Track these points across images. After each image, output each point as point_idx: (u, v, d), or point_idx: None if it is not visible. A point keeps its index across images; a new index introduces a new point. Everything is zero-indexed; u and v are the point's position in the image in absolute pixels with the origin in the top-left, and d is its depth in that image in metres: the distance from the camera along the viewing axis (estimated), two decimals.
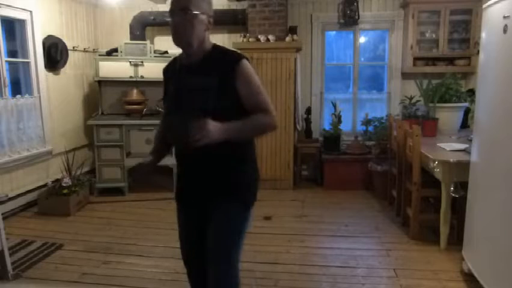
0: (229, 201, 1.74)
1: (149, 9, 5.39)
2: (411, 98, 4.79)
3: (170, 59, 1.91)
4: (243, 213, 1.78)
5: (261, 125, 1.69)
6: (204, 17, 1.65)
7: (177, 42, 1.66)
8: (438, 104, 4.28)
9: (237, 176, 1.77)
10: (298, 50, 4.98)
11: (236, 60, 1.66)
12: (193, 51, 1.67)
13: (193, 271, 1.94)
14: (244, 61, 1.67)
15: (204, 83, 1.65)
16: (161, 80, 1.93)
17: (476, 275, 2.56)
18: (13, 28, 4.28)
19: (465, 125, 4.49)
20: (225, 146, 1.58)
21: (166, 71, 1.90)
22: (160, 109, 4.99)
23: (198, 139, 1.47)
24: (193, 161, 1.74)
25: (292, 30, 4.98)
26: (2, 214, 2.95)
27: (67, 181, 4.22)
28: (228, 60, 1.68)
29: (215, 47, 1.74)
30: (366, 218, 4.04)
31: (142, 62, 4.98)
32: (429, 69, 5.03)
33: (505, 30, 2.24)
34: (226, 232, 1.73)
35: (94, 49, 5.46)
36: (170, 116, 1.76)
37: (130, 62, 4.97)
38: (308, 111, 5.29)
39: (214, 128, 1.51)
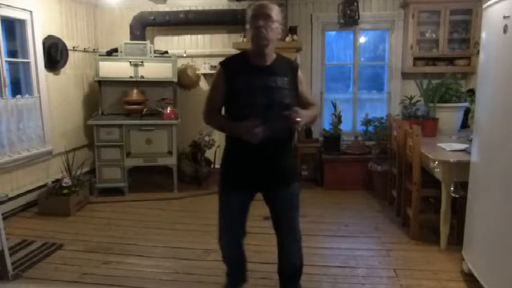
0: (293, 180, 2.26)
1: (149, 9, 5.40)
2: (411, 98, 4.79)
3: (229, 56, 2.31)
4: (299, 188, 2.32)
5: (316, 114, 2.30)
6: (277, 25, 2.08)
7: (260, 41, 2.03)
8: (438, 104, 4.28)
9: (293, 160, 2.37)
10: (298, 50, 4.98)
11: (297, 67, 2.24)
12: (268, 51, 2.08)
13: (235, 238, 2.36)
14: (298, 67, 2.26)
15: (280, 83, 2.09)
16: (161, 80, 2.16)
17: (476, 275, 2.56)
18: (13, 28, 4.28)
19: (465, 125, 4.49)
20: (286, 132, 2.14)
21: (230, 68, 2.17)
22: (160, 109, 4.99)
23: (299, 121, 1.96)
24: (263, 147, 2.04)
25: (292, 30, 4.98)
26: (2, 214, 2.95)
27: (67, 181, 4.22)
28: (293, 66, 2.23)
29: (278, 54, 2.19)
30: (366, 218, 4.04)
31: (142, 62, 4.98)
32: (429, 69, 5.03)
33: (505, 30, 2.24)
34: (295, 207, 2.31)
35: (94, 49, 5.46)
36: (254, 111, 2.04)
37: (130, 62, 4.97)
38: None
39: (302, 112, 2.02)
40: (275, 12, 2.07)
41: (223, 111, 2.23)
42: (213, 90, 2.20)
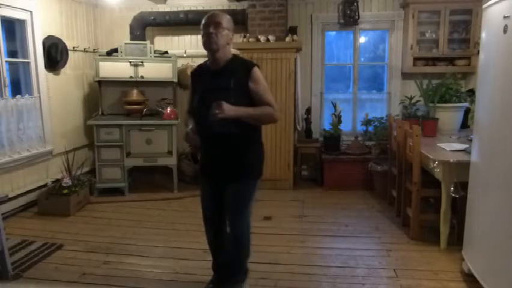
0: (242, 177, 2.37)
1: (149, 10, 5.40)
2: (411, 98, 4.79)
3: (197, 64, 2.58)
4: (253, 185, 2.41)
5: (266, 113, 2.29)
6: (228, 32, 2.25)
7: (210, 46, 2.22)
8: (438, 104, 4.28)
9: (246, 156, 2.36)
10: (298, 50, 4.98)
11: (251, 68, 2.28)
12: (219, 56, 2.25)
13: (210, 223, 2.57)
14: (256, 68, 2.30)
15: (224, 84, 2.23)
16: (161, 80, 2.35)
17: (476, 275, 2.56)
18: (13, 28, 4.28)
19: (465, 125, 4.49)
20: (237, 128, 2.23)
21: (194, 74, 2.48)
22: (160, 109, 5.00)
23: (217, 114, 2.07)
24: (214, 141, 2.30)
25: (292, 31, 4.98)
26: (2, 214, 2.96)
27: (67, 181, 4.22)
28: (244, 66, 2.30)
29: (234, 56, 2.34)
30: (366, 218, 4.04)
31: (142, 62, 4.98)
32: (429, 69, 5.03)
33: (505, 30, 2.24)
34: (238, 202, 2.42)
35: (94, 49, 5.46)
36: (200, 106, 2.28)
37: (130, 62, 4.97)
38: (308, 111, 5.29)
39: (228, 107, 2.11)
40: (225, 20, 2.24)
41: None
42: (189, 95, 2.51)
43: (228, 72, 2.27)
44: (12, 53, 4.25)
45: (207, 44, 2.22)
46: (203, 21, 2.25)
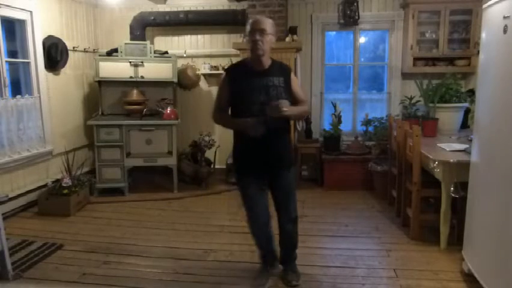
0: (291, 165, 2.66)
1: (149, 10, 5.40)
2: (411, 98, 4.79)
3: (233, 63, 2.82)
4: (296, 171, 2.63)
5: (305, 111, 2.78)
6: (271, 37, 2.48)
7: (257, 52, 2.44)
8: (438, 104, 4.28)
9: (290, 147, 2.70)
10: (298, 50, 4.98)
11: (290, 70, 2.66)
12: (264, 59, 2.49)
13: (261, 219, 2.68)
14: (291, 70, 2.69)
15: (276, 82, 2.50)
16: (161, 80, 2.35)
17: (476, 275, 2.56)
18: (13, 28, 4.28)
19: (465, 125, 4.49)
20: (285, 122, 2.58)
21: (233, 72, 2.63)
22: (160, 109, 5.00)
23: (284, 110, 2.34)
24: (268, 134, 2.43)
25: (292, 31, 4.98)
26: (2, 214, 2.95)
27: (67, 181, 4.22)
28: (286, 68, 2.63)
29: (273, 59, 2.60)
30: (366, 218, 4.04)
31: (142, 62, 4.98)
32: (429, 69, 5.03)
33: (505, 31, 2.24)
34: (291, 189, 2.69)
35: (94, 49, 5.46)
36: (254, 106, 2.45)
37: (130, 62, 4.97)
38: None
39: (290, 106, 2.42)
40: (269, 26, 2.46)
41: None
42: (220, 93, 2.62)
43: (274, 73, 2.53)
44: (12, 53, 4.25)
45: (254, 50, 2.45)
46: (249, 28, 2.46)
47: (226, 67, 2.70)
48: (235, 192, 3.06)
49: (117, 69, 4.97)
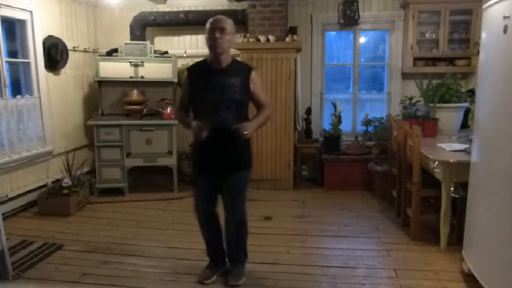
0: (242, 168, 2.65)
1: (149, 10, 5.40)
2: (411, 98, 4.79)
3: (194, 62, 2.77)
4: (248, 174, 2.72)
5: (267, 117, 2.70)
6: (231, 36, 2.50)
7: (216, 50, 2.46)
8: (438, 104, 4.28)
9: (244, 149, 2.64)
10: (298, 50, 4.98)
11: (251, 70, 2.63)
12: (223, 57, 2.50)
13: (209, 220, 2.78)
14: (253, 70, 2.65)
15: (232, 82, 2.50)
16: (161, 80, 2.46)
17: (476, 275, 2.56)
18: (13, 28, 4.28)
19: (465, 125, 4.49)
20: (237, 123, 2.45)
21: (193, 70, 2.65)
22: (160, 109, 5.00)
23: (245, 134, 2.40)
24: (219, 137, 2.46)
25: (293, 31, 4.98)
26: (2, 214, 2.95)
27: (67, 181, 4.22)
28: (247, 68, 2.63)
29: (233, 58, 2.60)
30: (366, 219, 4.04)
31: (142, 62, 4.98)
32: (429, 69, 5.03)
33: (505, 31, 2.24)
34: (239, 189, 2.68)
35: (94, 49, 5.46)
36: (208, 104, 2.50)
37: (130, 62, 4.97)
38: (308, 111, 5.29)
39: (250, 125, 2.46)
40: (229, 25, 2.47)
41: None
42: (182, 91, 2.71)
43: (232, 72, 2.54)
44: (12, 53, 4.25)
45: (213, 47, 2.45)
46: (208, 26, 2.45)
47: (188, 66, 2.72)
48: None
49: (117, 69, 4.97)
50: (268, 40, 4.85)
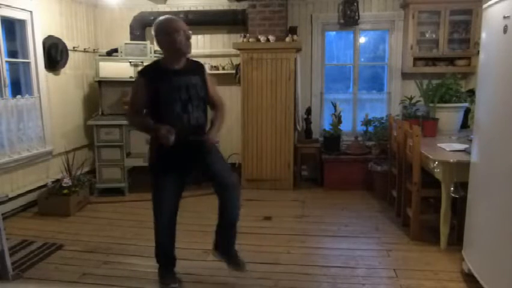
0: (210, 149, 2.62)
1: (149, 10, 5.40)
2: (411, 98, 4.79)
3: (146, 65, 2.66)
4: (217, 148, 2.77)
5: (224, 115, 2.74)
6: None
7: (187, 49, 2.47)
8: (438, 104, 4.28)
9: (207, 137, 2.61)
10: (298, 50, 4.98)
11: (204, 68, 2.69)
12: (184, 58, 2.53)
13: (172, 218, 2.82)
14: (204, 66, 2.74)
15: (194, 81, 2.53)
16: None
17: (476, 275, 2.56)
18: (13, 28, 4.28)
19: (465, 125, 4.49)
20: (204, 118, 2.60)
21: (149, 73, 2.52)
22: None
23: (216, 142, 2.60)
24: (186, 141, 2.46)
25: (292, 31, 4.98)
26: (2, 214, 2.95)
27: (67, 181, 4.22)
28: (201, 67, 2.66)
29: (187, 58, 2.58)
30: (366, 219, 4.04)
31: (142, 62, 4.97)
32: (429, 69, 5.03)
33: (505, 31, 2.24)
34: (221, 157, 2.76)
35: (94, 49, 5.46)
36: (178, 104, 2.47)
37: (130, 62, 4.97)
38: (308, 111, 5.29)
39: (214, 134, 2.59)
40: (185, 25, 2.49)
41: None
42: (135, 96, 2.54)
43: (191, 71, 2.56)
44: (12, 53, 4.25)
45: (185, 48, 2.46)
46: (170, 27, 2.42)
47: (139, 70, 2.67)
48: None
49: (117, 69, 4.96)
50: (268, 40, 4.85)
